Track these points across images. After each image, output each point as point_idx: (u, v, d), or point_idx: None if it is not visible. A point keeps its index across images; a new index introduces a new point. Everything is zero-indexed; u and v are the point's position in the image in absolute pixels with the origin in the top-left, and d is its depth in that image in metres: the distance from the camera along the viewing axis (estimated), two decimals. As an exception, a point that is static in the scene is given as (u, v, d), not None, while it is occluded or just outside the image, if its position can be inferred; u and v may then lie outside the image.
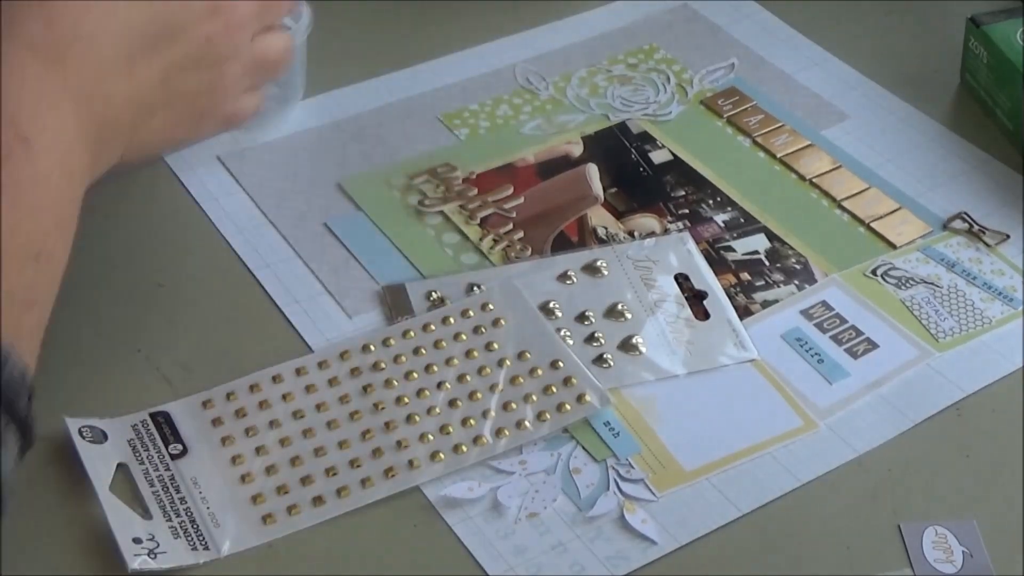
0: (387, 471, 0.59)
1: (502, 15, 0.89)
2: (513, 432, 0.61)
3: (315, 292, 0.69)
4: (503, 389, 0.63)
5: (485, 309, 0.66)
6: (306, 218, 0.74)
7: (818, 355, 0.66)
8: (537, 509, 0.59)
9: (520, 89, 0.84)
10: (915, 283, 0.70)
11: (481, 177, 0.77)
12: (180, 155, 0.77)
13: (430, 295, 0.68)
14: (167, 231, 0.73)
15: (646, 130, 0.80)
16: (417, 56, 0.86)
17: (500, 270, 0.70)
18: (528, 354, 0.64)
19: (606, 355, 0.65)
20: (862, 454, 0.62)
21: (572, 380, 0.63)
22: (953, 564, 0.57)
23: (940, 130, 0.80)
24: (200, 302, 0.69)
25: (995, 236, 0.73)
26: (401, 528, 0.58)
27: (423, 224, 0.74)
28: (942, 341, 0.67)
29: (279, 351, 0.66)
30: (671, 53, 0.87)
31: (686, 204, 0.75)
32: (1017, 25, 0.79)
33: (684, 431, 0.62)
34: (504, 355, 0.64)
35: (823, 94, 0.83)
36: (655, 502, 0.59)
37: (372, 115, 0.81)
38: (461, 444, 0.60)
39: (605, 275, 0.69)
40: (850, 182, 0.76)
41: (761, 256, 0.72)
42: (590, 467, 0.61)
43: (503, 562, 0.57)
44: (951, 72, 0.84)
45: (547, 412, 0.62)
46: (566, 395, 0.62)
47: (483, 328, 0.65)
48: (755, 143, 0.79)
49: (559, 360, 0.64)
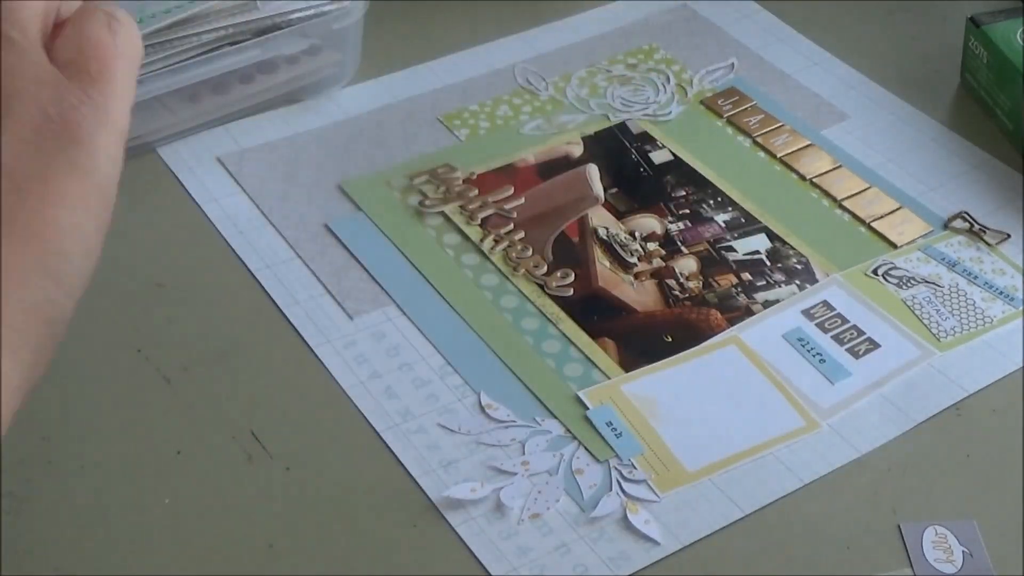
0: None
1: (502, 15, 0.89)
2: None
3: (316, 293, 0.69)
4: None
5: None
6: (306, 219, 0.74)
7: (820, 355, 0.66)
8: (540, 510, 0.59)
9: (520, 89, 0.83)
10: (916, 283, 0.70)
11: (481, 178, 0.77)
12: (180, 155, 0.78)
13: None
14: (167, 231, 0.73)
15: (646, 130, 0.80)
16: (417, 56, 0.86)
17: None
18: None
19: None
20: (863, 454, 0.62)
21: None
22: (953, 564, 0.57)
23: (940, 130, 0.80)
24: (200, 302, 0.69)
25: (996, 235, 0.73)
26: (403, 529, 0.58)
27: (424, 225, 0.74)
28: (943, 341, 0.67)
29: (279, 352, 0.66)
30: (671, 53, 0.86)
31: (686, 204, 0.75)
32: (1017, 25, 0.79)
33: (686, 432, 0.62)
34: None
35: (823, 94, 0.83)
36: (658, 503, 0.59)
37: (372, 116, 0.81)
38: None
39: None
40: (850, 182, 0.76)
41: (762, 256, 0.72)
42: (593, 468, 0.61)
43: (506, 563, 0.57)
44: (951, 72, 0.84)
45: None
46: None
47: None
48: (755, 143, 0.79)
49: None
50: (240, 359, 0.66)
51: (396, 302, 0.69)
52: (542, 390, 0.64)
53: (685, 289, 0.70)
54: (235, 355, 0.66)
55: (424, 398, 0.64)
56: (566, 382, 0.65)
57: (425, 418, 0.63)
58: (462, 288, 0.70)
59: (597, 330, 0.68)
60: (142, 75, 0.74)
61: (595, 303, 0.69)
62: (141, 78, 0.73)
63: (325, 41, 0.80)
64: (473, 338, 0.67)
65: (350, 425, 0.63)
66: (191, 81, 0.76)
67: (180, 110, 0.78)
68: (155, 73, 0.75)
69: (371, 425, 0.63)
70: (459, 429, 0.63)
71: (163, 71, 0.75)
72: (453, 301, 0.69)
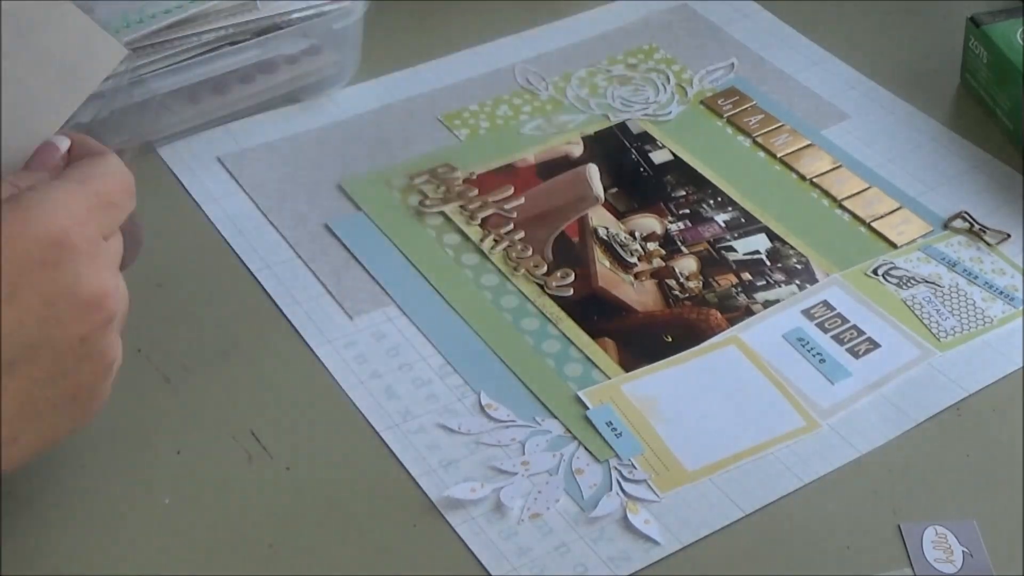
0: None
1: (502, 15, 0.89)
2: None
3: (316, 293, 0.69)
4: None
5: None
6: (306, 219, 0.74)
7: (820, 355, 0.66)
8: (540, 510, 0.59)
9: (520, 89, 0.83)
10: (916, 282, 0.70)
11: (481, 178, 0.77)
12: (180, 155, 0.78)
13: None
14: (167, 231, 0.73)
15: (646, 130, 0.80)
16: (417, 56, 0.86)
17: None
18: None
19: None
20: (863, 454, 0.62)
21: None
22: (953, 564, 0.57)
23: (940, 130, 0.80)
24: (200, 302, 0.69)
25: (996, 235, 0.73)
26: (403, 529, 0.58)
27: (424, 225, 0.74)
28: (943, 340, 0.67)
29: (279, 352, 0.66)
30: (671, 53, 0.87)
31: (686, 204, 0.75)
32: (1017, 25, 0.79)
33: (686, 431, 0.62)
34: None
35: (823, 94, 0.83)
36: (658, 502, 0.59)
37: (372, 115, 0.81)
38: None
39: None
40: (850, 182, 0.76)
41: (762, 256, 0.72)
42: (593, 468, 0.61)
43: (506, 563, 0.57)
44: (951, 72, 0.84)
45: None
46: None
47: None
48: (755, 143, 0.79)
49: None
50: (240, 359, 0.66)
51: (396, 302, 0.69)
52: (542, 390, 0.64)
53: (685, 289, 0.70)
54: (235, 355, 0.66)
55: (424, 398, 0.64)
56: (566, 382, 0.65)
57: (425, 418, 0.63)
58: (462, 288, 0.70)
59: (597, 330, 0.68)
60: (142, 75, 0.74)
61: (595, 303, 0.69)
62: (141, 78, 0.74)
63: (325, 41, 0.80)
64: (473, 338, 0.67)
65: (350, 425, 0.63)
66: (191, 81, 0.76)
67: (180, 110, 0.78)
68: (155, 73, 0.75)
69: (371, 425, 0.63)
70: (459, 429, 0.63)
71: (163, 71, 0.75)
72: (453, 301, 0.69)
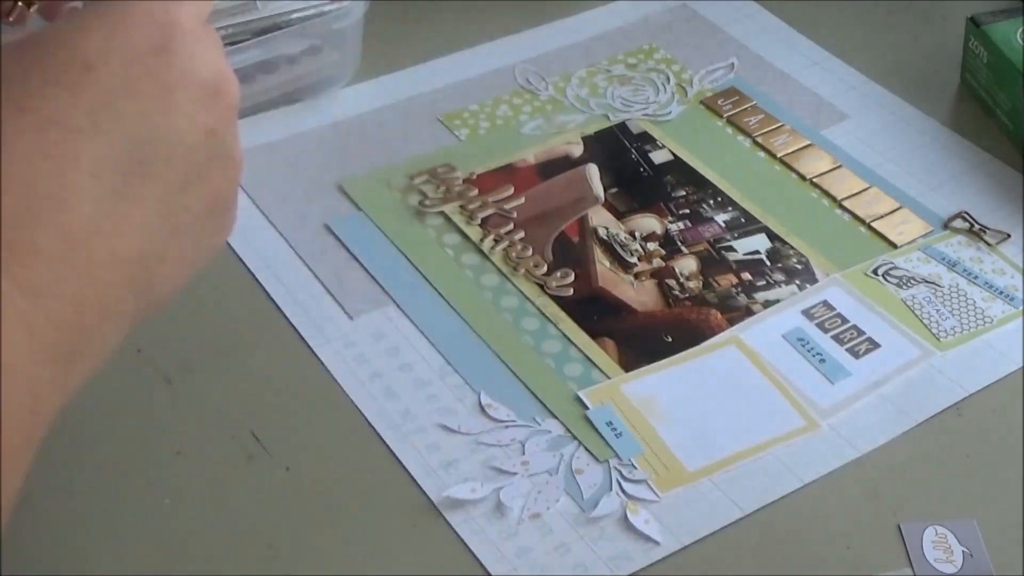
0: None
1: (502, 15, 0.89)
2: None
3: (316, 293, 0.69)
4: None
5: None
6: (306, 219, 0.74)
7: (820, 355, 0.66)
8: (540, 510, 0.59)
9: (520, 89, 0.83)
10: (916, 282, 0.70)
11: (481, 177, 0.77)
12: (180, 155, 0.77)
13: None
14: (167, 232, 0.73)
15: (646, 130, 0.80)
16: (417, 56, 0.86)
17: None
18: None
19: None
20: (863, 454, 0.62)
21: None
22: (953, 564, 0.57)
23: (940, 130, 0.80)
24: (200, 302, 0.69)
25: (996, 235, 0.73)
26: (403, 529, 0.58)
27: (424, 225, 0.74)
28: (943, 340, 0.67)
29: (279, 352, 0.66)
30: (671, 53, 0.87)
31: (686, 204, 0.75)
32: (1017, 25, 0.79)
33: (686, 431, 0.62)
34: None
35: (823, 94, 0.83)
36: (658, 502, 0.59)
37: (372, 115, 0.81)
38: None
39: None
40: (850, 182, 0.76)
41: (762, 256, 0.72)
42: (593, 468, 0.61)
43: (506, 563, 0.57)
44: (951, 72, 0.84)
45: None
46: None
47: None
48: (755, 143, 0.79)
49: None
50: (240, 359, 0.66)
51: (396, 302, 0.69)
52: (542, 390, 0.64)
53: (685, 289, 0.70)
54: (235, 355, 0.66)
55: (424, 398, 0.64)
56: (566, 382, 0.65)
57: (425, 418, 0.63)
58: (462, 288, 0.70)
59: (597, 330, 0.68)
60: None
61: (595, 303, 0.69)
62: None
63: (325, 41, 0.80)
64: (473, 338, 0.67)
65: (350, 425, 0.63)
66: (191, 81, 0.76)
67: (180, 110, 0.78)
68: (155, 73, 0.74)
69: (371, 425, 0.63)
70: (459, 429, 0.63)
71: (163, 71, 0.75)
72: (453, 301, 0.69)
